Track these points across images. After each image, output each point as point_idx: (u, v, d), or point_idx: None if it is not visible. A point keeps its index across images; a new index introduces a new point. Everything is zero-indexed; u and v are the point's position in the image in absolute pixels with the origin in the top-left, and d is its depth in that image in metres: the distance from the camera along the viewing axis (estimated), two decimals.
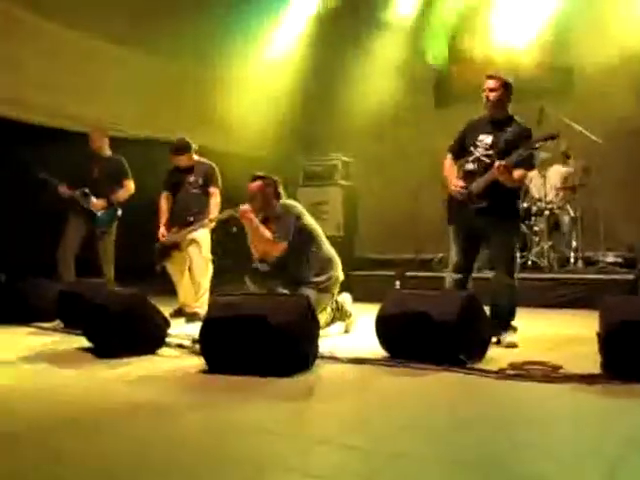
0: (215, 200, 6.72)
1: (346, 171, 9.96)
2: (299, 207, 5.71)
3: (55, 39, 7.85)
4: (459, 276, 4.96)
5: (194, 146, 6.81)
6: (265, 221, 5.58)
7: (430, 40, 9.68)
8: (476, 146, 4.86)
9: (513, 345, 4.67)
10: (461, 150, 5.01)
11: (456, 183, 4.89)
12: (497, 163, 4.61)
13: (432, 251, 8.16)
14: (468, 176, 4.87)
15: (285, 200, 5.72)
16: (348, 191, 9.88)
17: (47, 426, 3.12)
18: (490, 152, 4.78)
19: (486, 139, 4.84)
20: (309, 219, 5.67)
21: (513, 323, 4.85)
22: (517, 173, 4.69)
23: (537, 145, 4.68)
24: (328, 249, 5.68)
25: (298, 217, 5.56)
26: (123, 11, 8.10)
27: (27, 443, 2.88)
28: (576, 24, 8.81)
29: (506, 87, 4.86)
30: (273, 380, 3.88)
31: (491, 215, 4.77)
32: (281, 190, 5.71)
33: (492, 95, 4.83)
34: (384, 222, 9.64)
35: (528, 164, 4.78)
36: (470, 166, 4.88)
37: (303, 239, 5.52)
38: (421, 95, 9.85)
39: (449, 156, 5.09)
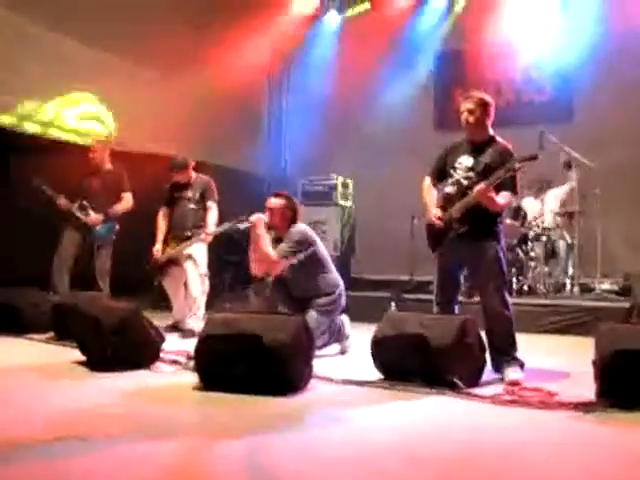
0: (212, 214, 6.73)
1: (344, 191, 9.98)
2: (313, 234, 5.70)
3: (57, 49, 7.87)
4: (442, 307, 4.81)
5: (192, 163, 6.83)
6: (274, 241, 5.57)
7: None
8: (455, 169, 4.72)
9: (516, 383, 4.28)
10: (440, 173, 4.86)
11: (434, 213, 4.72)
12: (478, 187, 4.46)
13: (428, 273, 8.13)
14: (447, 199, 4.72)
15: (302, 225, 5.69)
16: (346, 211, 9.90)
17: (40, 441, 3.09)
18: (470, 174, 4.63)
19: (466, 162, 4.69)
20: (321, 246, 5.70)
21: (518, 356, 4.55)
22: (502, 197, 4.54)
23: (517, 166, 4.45)
24: (336, 276, 5.72)
25: (311, 244, 5.57)
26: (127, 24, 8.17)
27: (20, 458, 2.85)
28: (576, 50, 8.88)
29: (485, 107, 4.71)
30: (266, 399, 3.87)
31: (472, 240, 4.60)
32: (298, 215, 5.69)
33: (471, 117, 4.68)
34: (381, 243, 9.66)
35: (511, 187, 4.59)
36: (449, 189, 4.73)
37: (315, 265, 5.55)
38: (420, 118, 9.92)
39: (428, 179, 4.92)
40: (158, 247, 6.68)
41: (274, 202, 5.59)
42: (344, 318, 5.79)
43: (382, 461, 2.84)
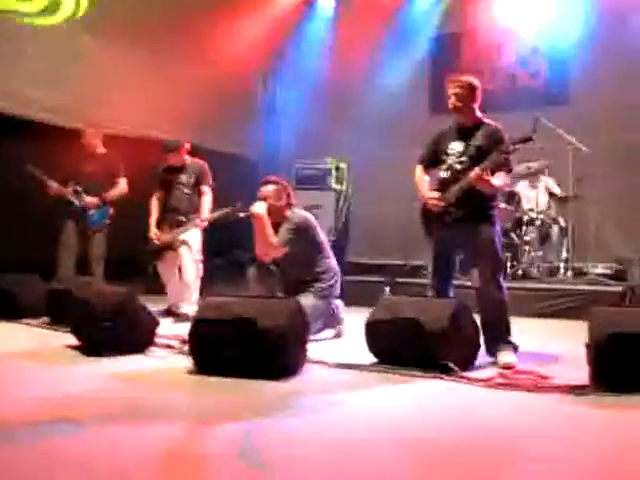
0: (207, 199, 6.72)
1: (339, 175, 9.96)
2: (312, 219, 5.74)
3: (53, 34, 7.82)
4: (437, 291, 4.82)
5: (186, 145, 6.81)
6: (273, 226, 5.57)
7: None
8: (448, 154, 4.70)
9: (510, 367, 4.30)
10: (432, 161, 4.86)
11: (430, 196, 4.71)
12: (472, 173, 4.46)
13: (423, 258, 8.15)
14: (441, 185, 4.72)
15: (302, 212, 5.75)
16: (341, 196, 9.88)
17: (35, 423, 3.09)
18: (463, 159, 4.62)
19: (457, 147, 4.68)
20: (320, 231, 5.75)
21: (512, 340, 4.56)
22: (498, 178, 4.55)
23: (512, 148, 4.45)
24: (333, 261, 5.77)
25: (312, 230, 5.62)
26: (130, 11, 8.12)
27: (16, 439, 2.86)
28: (572, 34, 8.85)
29: (471, 90, 4.68)
30: (261, 383, 3.88)
31: (467, 224, 4.58)
32: (292, 198, 5.72)
33: (457, 102, 4.66)
34: (376, 228, 9.65)
35: (506, 167, 4.60)
36: (442, 174, 4.72)
37: (314, 250, 5.61)
38: (415, 102, 9.88)
39: (419, 167, 4.92)
40: (155, 231, 6.67)
41: (267, 190, 5.60)
42: (338, 302, 5.81)
43: (376, 445, 2.85)
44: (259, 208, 5.46)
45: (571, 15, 8.85)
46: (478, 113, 4.76)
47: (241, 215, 5.61)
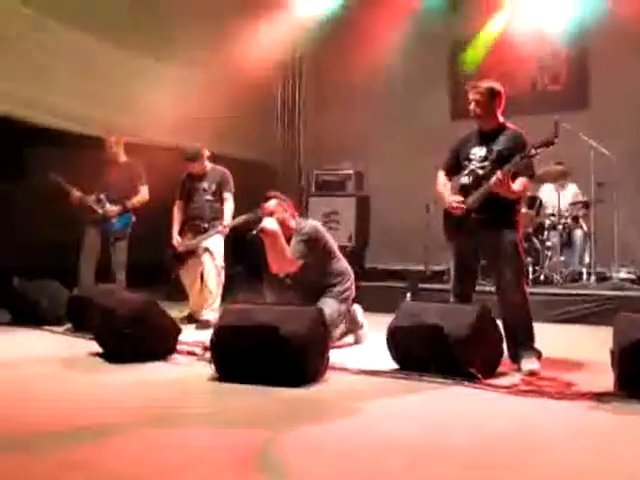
0: (229, 206, 6.73)
1: (358, 181, 9.96)
2: (320, 226, 5.76)
3: (75, 44, 7.88)
4: (458, 296, 4.80)
5: (207, 153, 6.83)
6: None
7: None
8: (470, 160, 4.69)
9: (534, 373, 4.27)
10: (454, 167, 4.84)
11: (452, 200, 4.67)
12: (494, 177, 4.42)
13: (444, 263, 8.12)
14: (463, 190, 4.69)
15: (310, 221, 5.78)
16: (360, 202, 9.88)
17: (58, 431, 3.11)
18: (485, 163, 4.60)
19: (479, 152, 4.66)
20: (329, 236, 5.74)
21: (535, 346, 4.52)
22: (518, 183, 4.52)
23: (534, 152, 4.39)
24: (345, 263, 5.76)
25: (323, 238, 5.61)
26: (150, 22, 8.17)
27: (39, 448, 2.88)
28: (593, 38, 8.79)
29: (492, 95, 4.66)
30: (282, 390, 3.87)
31: (490, 229, 4.56)
32: (296, 209, 5.76)
33: (478, 108, 4.66)
34: (396, 233, 9.62)
35: (528, 172, 4.57)
36: (464, 179, 4.70)
37: (326, 256, 5.59)
38: (436, 107, 9.85)
39: (441, 173, 4.91)
40: (177, 239, 6.71)
41: (272, 205, 5.58)
42: (357, 307, 5.80)
43: (399, 452, 2.84)
44: (271, 224, 5.40)
45: (592, 17, 8.76)
46: (500, 118, 4.74)
47: (253, 233, 5.57)
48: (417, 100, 9.63)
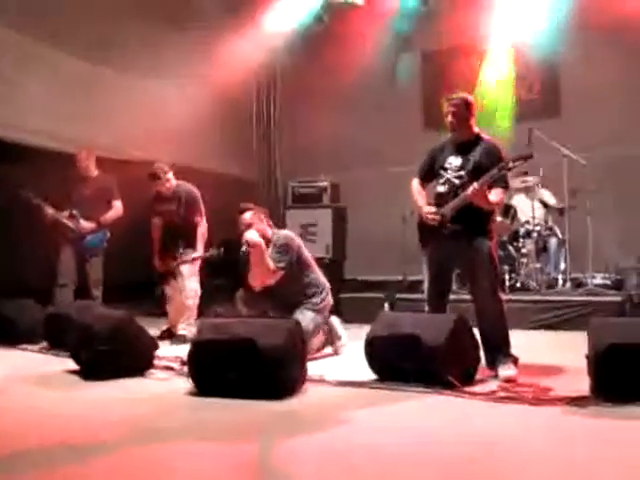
0: (200, 231, 6.69)
1: (334, 193, 9.98)
2: (295, 236, 5.80)
3: (50, 62, 7.85)
4: (433, 305, 4.82)
5: (168, 173, 6.73)
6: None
7: None
8: (445, 169, 4.74)
9: (511, 380, 4.30)
10: (428, 175, 4.90)
11: (427, 210, 4.73)
12: (471, 188, 4.47)
13: (421, 273, 8.16)
14: (439, 199, 4.75)
15: (284, 231, 5.84)
16: (337, 213, 9.89)
17: (36, 449, 3.08)
18: (461, 173, 4.65)
19: (455, 161, 4.72)
20: (304, 248, 5.77)
21: (512, 352, 4.57)
22: (494, 194, 4.57)
23: (511, 165, 4.47)
24: (321, 275, 5.80)
25: (299, 248, 5.65)
26: (129, 37, 8.15)
27: (16, 466, 2.84)
28: (565, 46, 8.88)
29: (466, 106, 4.74)
30: (261, 403, 3.86)
31: (464, 238, 4.60)
32: (270, 219, 5.80)
33: (453, 119, 4.73)
34: (373, 244, 9.63)
35: (503, 183, 4.63)
36: (441, 188, 4.75)
37: (301, 267, 5.62)
38: (408, 117, 9.91)
39: (416, 180, 4.95)
40: (157, 261, 6.77)
41: (248, 217, 5.60)
42: (334, 319, 5.81)
43: (378, 462, 2.84)
44: (254, 235, 5.43)
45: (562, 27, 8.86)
46: (475, 128, 4.80)
47: (242, 250, 5.59)
48: (390, 111, 9.67)
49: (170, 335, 6.57)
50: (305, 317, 5.26)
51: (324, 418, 3.67)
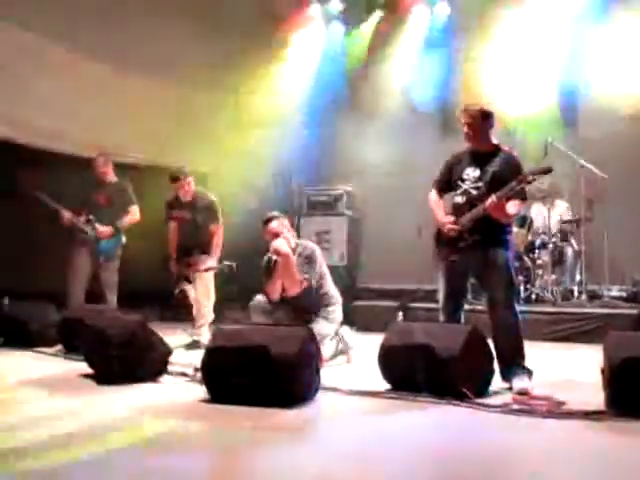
0: (217, 240, 6.74)
1: (350, 201, 9.98)
2: (318, 250, 5.79)
3: (65, 65, 7.91)
4: (448, 316, 4.81)
5: (189, 177, 6.79)
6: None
7: None
8: (463, 180, 4.71)
9: (525, 392, 4.23)
10: (446, 185, 4.87)
11: (446, 220, 4.71)
12: (489, 200, 4.45)
13: (435, 282, 8.12)
14: (456, 210, 4.73)
15: (306, 241, 5.87)
16: (352, 221, 9.89)
17: (50, 454, 3.08)
18: (479, 184, 4.63)
19: (473, 172, 4.69)
20: (323, 260, 5.80)
21: (527, 365, 4.51)
22: (512, 206, 4.53)
23: (531, 178, 4.44)
24: (334, 288, 5.83)
25: (320, 258, 5.69)
26: (142, 41, 8.19)
27: (28, 471, 2.85)
28: (583, 60, 8.85)
29: (484, 117, 4.69)
30: (274, 411, 3.85)
31: (481, 249, 4.59)
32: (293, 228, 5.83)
33: (470, 130, 4.69)
34: (387, 253, 9.61)
35: (520, 195, 4.58)
36: (458, 199, 4.73)
37: (321, 277, 5.66)
38: (427, 125, 9.90)
39: (434, 191, 4.93)
40: (172, 264, 6.82)
41: (275, 226, 5.61)
42: (345, 329, 5.81)
43: (393, 473, 2.82)
44: (283, 245, 5.45)
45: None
46: (493, 139, 4.76)
47: (267, 259, 5.61)
48: (407, 119, 9.67)
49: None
50: (318, 325, 5.28)
51: (336, 427, 3.66)
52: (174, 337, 6.48)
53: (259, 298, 5.67)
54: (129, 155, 8.37)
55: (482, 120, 4.69)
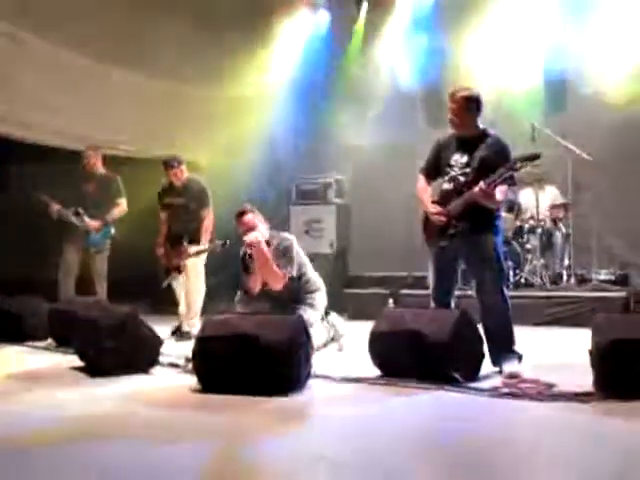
0: (206, 224, 6.72)
1: (339, 189, 9.98)
2: (295, 240, 5.76)
3: (51, 58, 7.86)
4: (438, 302, 4.82)
5: (182, 164, 6.80)
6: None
7: None
8: (451, 166, 4.68)
9: (515, 376, 4.25)
10: (434, 171, 4.84)
11: (433, 209, 4.70)
12: (477, 188, 4.43)
13: (426, 269, 8.15)
14: (445, 196, 4.71)
15: (284, 234, 5.78)
16: (341, 209, 9.90)
17: (42, 445, 3.09)
18: (466, 170, 4.60)
19: (461, 159, 4.65)
20: (301, 250, 5.79)
21: (516, 349, 4.53)
22: (499, 192, 4.51)
23: (519, 165, 4.41)
24: (316, 274, 5.82)
25: (297, 250, 5.66)
26: (121, 31, 8.14)
27: (23, 463, 2.86)
28: (569, 40, 8.84)
29: (470, 102, 4.64)
30: (266, 399, 3.87)
31: (470, 235, 4.58)
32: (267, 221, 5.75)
33: (455, 117, 4.64)
34: (377, 240, 9.63)
35: (510, 181, 4.57)
36: (446, 185, 4.71)
37: (300, 267, 5.64)
38: (414, 112, 9.89)
39: (421, 177, 4.89)
40: (161, 251, 6.77)
41: (249, 219, 5.57)
42: (334, 316, 5.82)
43: (384, 458, 2.85)
44: (257, 236, 5.45)
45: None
46: (480, 124, 4.72)
47: (243, 253, 5.60)
48: (394, 106, 9.66)
49: (181, 332, 6.56)
50: (304, 314, 5.26)
51: (328, 414, 3.68)
52: (165, 328, 6.52)
53: (242, 292, 5.68)
54: (119, 148, 8.34)
55: (467, 106, 4.64)
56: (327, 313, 5.81)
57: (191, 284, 6.60)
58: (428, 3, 10.00)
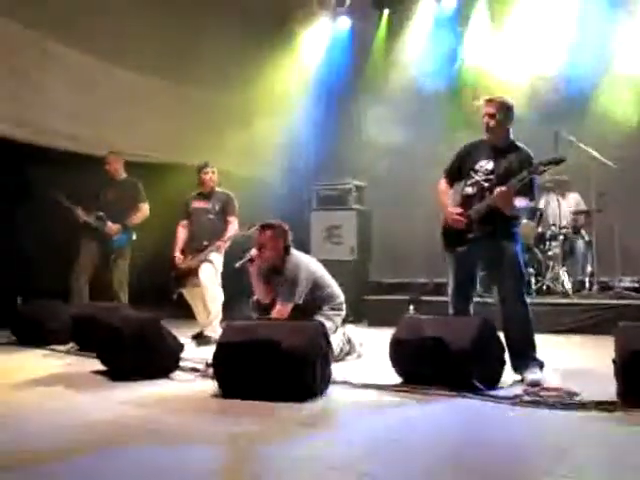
0: (233, 227, 6.74)
1: (360, 195, 9.97)
2: (307, 261, 5.70)
3: (74, 64, 7.94)
4: (457, 308, 4.81)
5: (214, 169, 6.87)
6: (271, 271, 5.58)
7: None
8: (476, 171, 4.68)
9: (537, 384, 4.21)
10: (457, 174, 4.84)
11: (453, 211, 4.69)
12: (498, 189, 4.45)
13: (447, 275, 8.12)
14: (466, 201, 4.70)
15: (297, 256, 5.65)
16: (362, 215, 9.87)
17: (63, 449, 3.11)
18: (490, 177, 4.60)
19: (487, 165, 4.66)
20: (317, 266, 5.73)
21: (538, 356, 4.51)
22: (519, 201, 4.51)
23: (542, 169, 4.43)
24: (336, 288, 5.75)
25: (309, 274, 5.57)
26: (150, 40, 8.21)
27: (43, 466, 2.87)
28: (591, 49, 8.80)
29: (506, 110, 4.68)
30: (286, 405, 3.87)
31: (490, 241, 4.58)
32: (290, 241, 5.62)
33: (492, 121, 4.64)
34: (398, 246, 9.62)
35: (530, 193, 4.58)
36: (469, 190, 4.71)
37: (315, 288, 5.59)
38: (435, 119, 9.87)
39: (443, 180, 4.90)
40: (178, 255, 6.74)
41: (262, 236, 5.52)
42: (349, 328, 5.81)
43: (406, 466, 2.83)
44: (253, 253, 5.47)
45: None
46: (511, 135, 4.73)
47: (238, 264, 5.58)
48: (417, 112, 9.65)
49: (202, 337, 6.56)
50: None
51: (349, 421, 3.67)
52: (186, 333, 6.54)
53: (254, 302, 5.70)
54: (143, 154, 8.39)
55: (504, 112, 4.66)
56: (344, 321, 5.77)
57: (206, 288, 6.57)
58: (450, 7, 10.01)
